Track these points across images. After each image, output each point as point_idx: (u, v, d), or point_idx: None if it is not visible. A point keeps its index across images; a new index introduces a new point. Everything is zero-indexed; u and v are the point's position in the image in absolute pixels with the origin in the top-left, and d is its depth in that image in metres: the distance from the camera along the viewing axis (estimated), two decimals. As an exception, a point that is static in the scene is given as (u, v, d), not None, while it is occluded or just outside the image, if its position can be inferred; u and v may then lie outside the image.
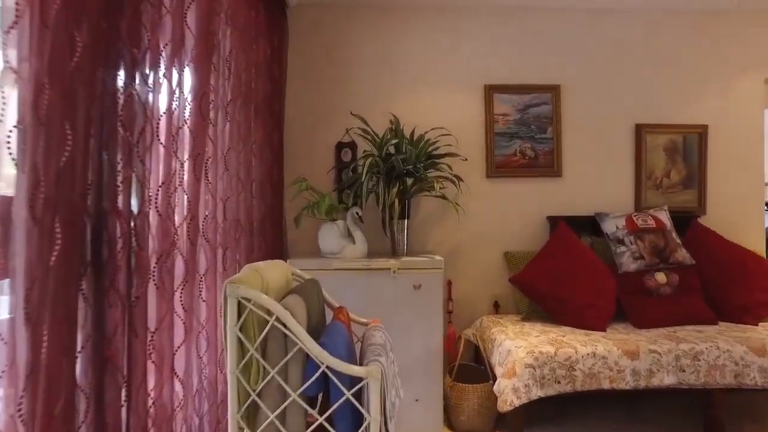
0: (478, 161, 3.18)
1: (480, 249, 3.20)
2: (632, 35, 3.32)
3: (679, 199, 3.33)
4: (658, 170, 3.31)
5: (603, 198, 3.29)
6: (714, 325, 2.76)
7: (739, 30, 3.38)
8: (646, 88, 3.32)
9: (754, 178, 3.43)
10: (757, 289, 2.87)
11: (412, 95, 3.15)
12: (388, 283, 2.47)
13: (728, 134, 3.37)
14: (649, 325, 2.70)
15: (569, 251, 2.87)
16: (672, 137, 3.31)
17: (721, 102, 3.38)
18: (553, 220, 3.19)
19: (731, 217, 3.37)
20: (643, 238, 2.94)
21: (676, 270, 2.90)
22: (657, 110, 3.32)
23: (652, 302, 2.80)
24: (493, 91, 3.15)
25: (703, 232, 3.12)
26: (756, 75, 3.41)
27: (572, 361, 2.23)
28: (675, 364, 2.28)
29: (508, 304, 3.21)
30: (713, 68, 3.38)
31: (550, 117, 3.20)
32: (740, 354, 2.34)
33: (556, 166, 3.22)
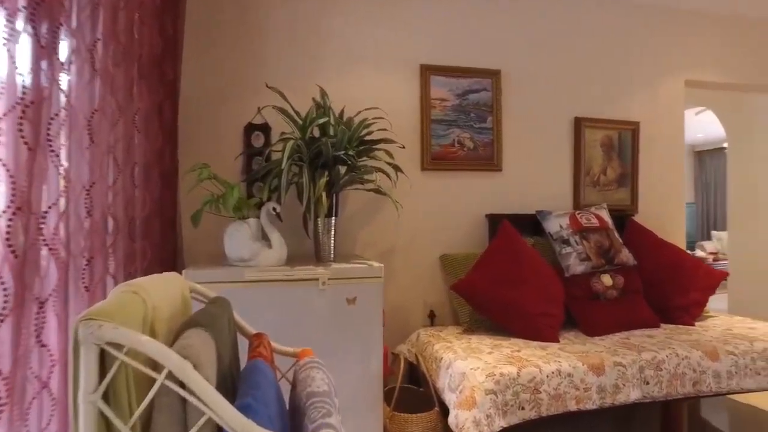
0: (413, 151, 2.79)
1: (413, 251, 2.82)
2: (573, 25, 3.15)
3: (615, 198, 3.21)
4: (596, 167, 3.17)
5: (542, 195, 3.07)
6: (657, 327, 2.62)
7: (664, 32, 3.35)
8: (585, 80, 3.16)
9: (675, 177, 3.42)
10: (693, 289, 2.79)
11: (340, 72, 2.68)
12: (316, 296, 1.98)
13: (655, 133, 3.33)
14: (601, 332, 2.48)
15: (516, 253, 2.58)
16: (608, 133, 3.19)
17: (650, 101, 3.32)
18: (493, 218, 2.90)
19: (657, 215, 3.32)
20: (588, 238, 2.74)
21: (620, 271, 2.73)
22: (595, 104, 3.18)
23: (601, 307, 2.60)
24: (430, 72, 2.79)
25: (640, 231, 3.01)
26: (678, 77, 3.40)
27: (537, 382, 1.90)
28: (639, 377, 2.06)
29: (446, 313, 2.86)
30: (643, 67, 3.31)
31: (490, 105, 2.91)
32: (697, 360, 2.18)
33: (496, 159, 2.93)
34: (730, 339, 2.36)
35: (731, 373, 2.22)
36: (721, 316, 2.93)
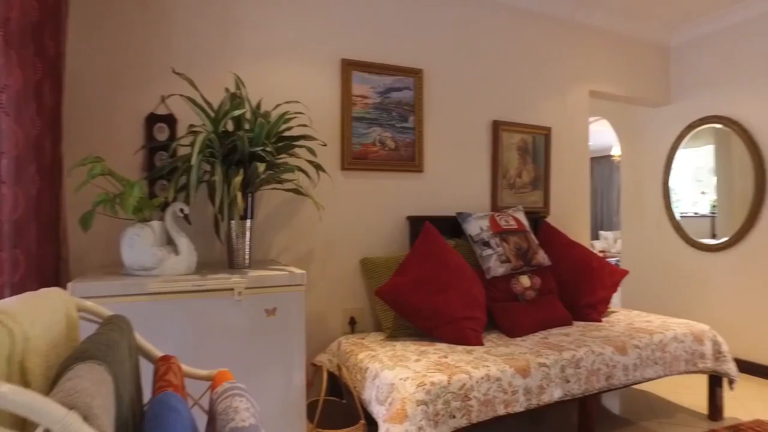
0: (333, 150, 2.66)
1: (333, 256, 2.68)
2: (492, 32, 3.19)
3: (529, 200, 3.31)
4: (512, 169, 3.24)
5: (461, 196, 3.07)
6: (571, 325, 2.72)
7: (572, 44, 3.53)
8: (503, 85, 3.23)
9: (581, 181, 3.61)
10: (600, 287, 2.94)
11: (256, 62, 2.47)
12: (231, 308, 1.77)
13: (563, 138, 3.48)
14: (521, 333, 2.52)
15: (440, 256, 2.54)
16: (524, 137, 3.28)
17: (559, 108, 3.48)
18: (415, 220, 2.85)
19: (565, 216, 3.48)
20: (507, 240, 2.78)
21: (537, 272, 2.81)
22: (511, 109, 3.25)
23: (520, 308, 2.64)
24: (352, 68, 2.67)
25: (552, 232, 3.12)
26: (583, 87, 3.60)
27: (467, 389, 1.85)
28: (561, 376, 2.09)
29: (366, 319, 2.75)
30: (554, 76, 3.46)
31: (412, 104, 2.85)
32: (609, 355, 2.27)
33: (418, 160, 2.88)
34: (634, 333, 2.50)
35: (636, 365, 2.35)
36: (621, 310, 3.12)
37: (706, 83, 3.83)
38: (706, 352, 2.60)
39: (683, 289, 3.98)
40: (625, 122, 4.57)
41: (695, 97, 3.90)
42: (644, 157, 4.36)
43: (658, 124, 4.20)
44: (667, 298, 4.09)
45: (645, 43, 3.93)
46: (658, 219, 4.22)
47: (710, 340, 2.63)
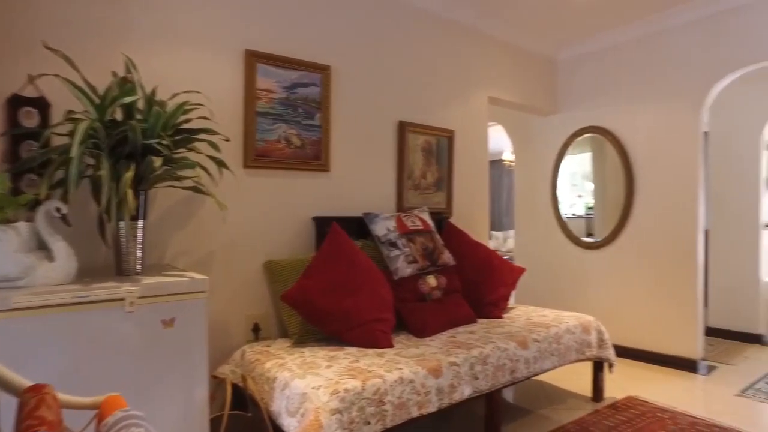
0: (235, 146, 2.48)
1: (235, 259, 2.51)
2: (399, 33, 3.21)
3: (433, 200, 3.37)
4: (417, 170, 3.28)
5: (368, 197, 3.04)
6: (475, 323, 2.81)
7: (473, 51, 3.67)
8: (409, 86, 3.25)
9: (481, 183, 3.77)
10: (501, 285, 3.08)
11: (151, 45, 2.21)
12: (121, 322, 1.56)
13: (465, 141, 3.61)
14: (429, 333, 2.54)
15: (348, 258, 2.48)
16: (428, 138, 3.33)
17: (462, 112, 3.59)
18: (321, 221, 2.76)
19: (467, 217, 3.61)
20: (414, 240, 2.80)
21: (443, 272, 2.86)
22: (417, 110, 3.29)
23: (428, 308, 2.67)
24: (257, 60, 2.51)
25: (456, 232, 3.21)
26: (483, 93, 3.76)
27: (381, 393, 1.81)
28: (470, 373, 2.14)
29: (271, 325, 2.61)
30: (457, 80, 3.57)
31: (318, 101, 2.76)
32: (513, 350, 2.37)
33: (324, 158, 2.80)
34: (533, 328, 2.65)
35: (536, 358, 2.48)
36: (519, 306, 3.30)
37: (586, 96, 4.20)
38: (592, 341, 2.83)
39: (569, 283, 4.33)
40: (519, 129, 4.87)
41: (577, 108, 4.27)
42: (535, 161, 4.67)
43: (547, 131, 4.53)
44: (555, 292, 4.43)
45: (537, 56, 4.22)
46: (546, 220, 4.55)
47: (595, 329, 2.87)
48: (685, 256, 3.60)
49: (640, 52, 3.84)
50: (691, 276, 3.57)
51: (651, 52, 3.78)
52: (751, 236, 4.48)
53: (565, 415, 2.71)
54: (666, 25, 3.67)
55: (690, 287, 3.58)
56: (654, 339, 3.73)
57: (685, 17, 3.56)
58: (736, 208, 4.52)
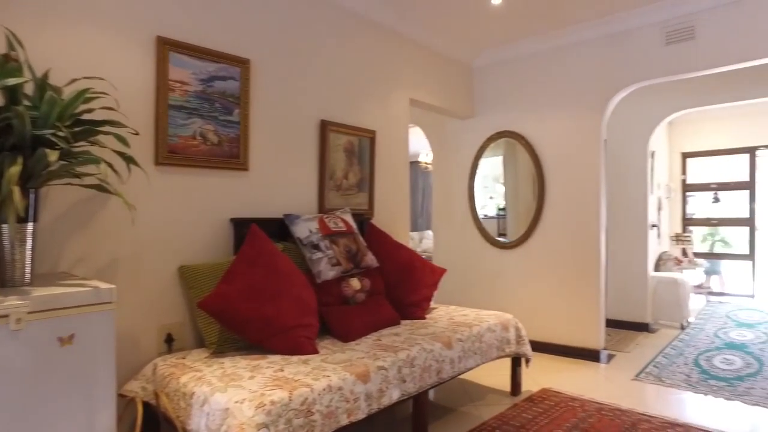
0: (145, 141, 2.27)
1: (145, 265, 2.29)
2: (322, 30, 3.13)
3: (355, 201, 3.33)
4: (339, 171, 3.22)
5: (288, 198, 2.93)
6: (399, 324, 2.81)
7: (395, 52, 3.68)
8: (332, 85, 3.19)
9: (402, 184, 3.80)
10: (423, 286, 3.11)
11: (43, 21, 1.95)
12: (4, 342, 1.34)
13: (387, 142, 3.61)
14: (354, 337, 2.49)
15: (269, 261, 2.36)
16: (350, 138, 3.28)
17: (384, 112, 3.59)
18: (239, 223, 2.61)
19: (388, 218, 3.61)
20: (337, 243, 2.73)
21: (366, 274, 2.82)
22: (339, 109, 3.23)
23: (352, 311, 2.62)
24: (170, 48, 2.31)
25: (378, 234, 3.19)
26: (404, 94, 3.79)
27: (309, 403, 1.73)
28: (398, 376, 2.12)
29: (186, 335, 2.43)
30: (380, 81, 3.56)
31: (237, 96, 2.61)
32: (438, 351, 2.40)
33: (243, 157, 2.65)
34: (456, 327, 2.70)
35: (460, 357, 2.53)
36: (440, 306, 3.35)
37: (501, 101, 4.38)
38: (510, 338, 2.94)
39: (486, 282, 4.49)
40: (437, 131, 4.98)
41: (493, 112, 4.44)
42: (452, 163, 4.80)
43: (465, 134, 4.67)
44: (473, 291, 4.57)
45: (456, 61, 4.33)
46: (464, 221, 4.69)
47: (513, 327, 2.99)
48: (589, 254, 3.88)
49: (550, 63, 4.08)
50: (595, 273, 3.85)
51: (560, 63, 4.02)
52: (640, 235, 4.94)
53: (486, 411, 2.79)
54: (572, 40, 3.92)
55: (594, 283, 3.85)
56: (563, 333, 3.97)
57: (587, 34, 3.84)
58: (627, 209, 4.96)
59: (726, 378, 3.41)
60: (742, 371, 3.57)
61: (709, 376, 3.46)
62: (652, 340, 4.43)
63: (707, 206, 7.21)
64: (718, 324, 5.10)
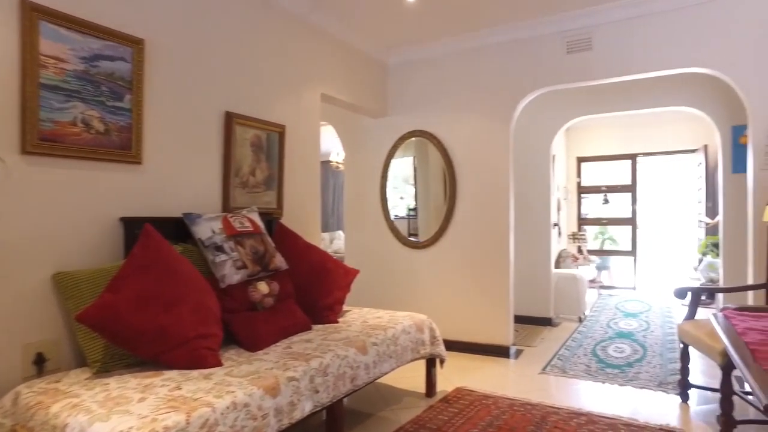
0: (9, 125, 1.92)
1: (6, 271, 1.94)
2: (231, 13, 2.90)
3: (263, 200, 3.12)
4: (246, 167, 2.99)
5: (188, 195, 2.67)
6: (310, 330, 2.66)
7: (306, 45, 3.52)
8: (239, 75, 2.96)
9: (313, 182, 3.64)
10: (336, 288, 2.98)
11: None
12: None
13: (297, 138, 3.44)
14: (263, 345, 2.30)
15: (165, 265, 2.11)
16: (258, 133, 3.07)
17: (294, 107, 3.41)
18: (131, 222, 2.32)
19: (298, 218, 3.44)
20: (243, 244, 2.52)
21: (275, 277, 2.64)
22: (246, 101, 3.00)
23: (260, 317, 2.43)
24: (40, 16, 1.97)
25: (287, 234, 3.01)
26: (316, 89, 3.63)
27: (211, 425, 1.53)
28: (310, 387, 1.98)
29: (63, 353, 2.09)
30: (290, 74, 3.38)
31: (129, 80, 2.31)
32: (353, 357, 2.28)
33: (136, 149, 2.35)
34: (371, 331, 2.60)
35: (375, 362, 2.43)
36: (353, 309, 3.24)
37: (415, 101, 4.38)
38: (425, 339, 2.90)
39: (399, 282, 4.46)
40: (349, 130, 4.87)
41: (406, 112, 4.42)
42: (365, 163, 4.71)
43: (378, 133, 4.60)
44: (386, 292, 4.51)
45: (370, 58, 4.25)
46: (376, 221, 4.62)
47: (428, 328, 2.95)
48: (498, 253, 3.98)
49: (463, 64, 4.13)
50: (504, 271, 3.96)
51: (472, 65, 4.09)
52: (543, 234, 5.19)
53: (402, 415, 2.72)
54: (484, 43, 4.00)
55: (503, 282, 3.96)
56: (474, 330, 4.03)
57: (498, 38, 3.94)
58: (531, 210, 5.19)
59: (618, 365, 3.65)
60: (630, 358, 3.85)
61: (605, 364, 3.68)
62: (555, 334, 4.66)
63: (598, 207, 7.82)
64: (609, 315, 5.51)
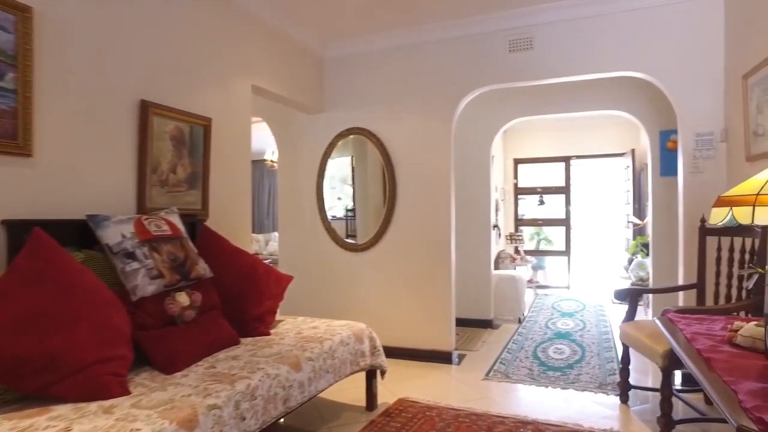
0: None
1: None
2: (136, -18, 2.55)
3: (185, 200, 2.80)
4: (165, 163, 2.66)
5: (95, 194, 2.32)
6: (239, 344, 2.39)
7: (235, 32, 3.23)
8: (158, 59, 2.62)
9: (243, 181, 3.35)
10: (267, 297, 2.72)
11: None
12: None
13: (225, 133, 3.13)
14: (182, 365, 2.01)
15: (59, 276, 1.78)
16: (180, 125, 2.74)
17: (222, 99, 3.11)
18: (18, 226, 1.95)
19: (227, 220, 3.14)
20: (159, 250, 2.21)
21: (197, 287, 2.34)
22: (166, 89, 2.67)
23: (179, 333, 2.13)
24: None
25: (214, 238, 2.72)
26: (246, 80, 3.35)
27: (105, 475, 1.25)
28: (236, 414, 1.72)
29: None
30: (217, 62, 3.09)
31: (13, 56, 1.94)
32: (285, 375, 2.04)
33: (24, 138, 1.99)
34: (305, 344, 2.37)
35: (311, 379, 2.21)
36: (287, 318, 2.98)
37: (353, 97, 4.17)
38: (365, 350, 2.70)
39: (336, 287, 4.23)
40: (284, 126, 4.58)
41: (344, 108, 4.21)
42: (300, 161, 4.45)
43: (314, 130, 4.35)
44: (323, 298, 4.27)
45: (306, 49, 4.00)
46: (312, 222, 4.37)
47: (368, 337, 2.76)
48: (440, 255, 3.85)
49: (404, 60, 3.97)
50: (446, 274, 3.84)
51: (413, 61, 3.94)
52: (483, 235, 5.15)
53: (340, 434, 2.51)
54: (426, 38, 3.87)
55: (445, 285, 3.84)
56: (416, 336, 3.89)
57: (440, 34, 3.82)
58: (471, 211, 5.13)
59: (560, 368, 3.63)
60: (570, 359, 3.85)
61: (546, 367, 3.65)
62: (496, 336, 4.62)
63: (534, 208, 7.98)
64: (547, 315, 5.57)
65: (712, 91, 3.19)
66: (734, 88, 2.98)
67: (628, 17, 3.35)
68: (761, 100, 2.67)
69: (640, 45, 3.33)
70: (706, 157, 3.21)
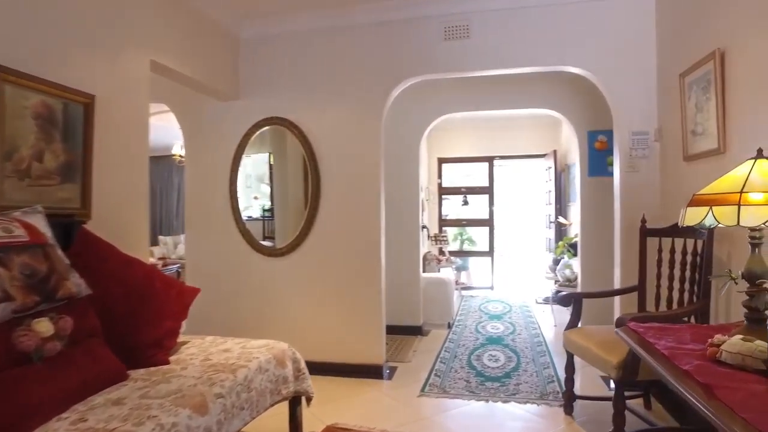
0: None
1: None
2: None
3: (57, 197, 2.21)
4: (26, 148, 2.06)
5: None
6: (126, 380, 1.87)
7: None
8: (14, 11, 2.01)
9: (139, 175, 2.79)
10: (166, 316, 2.21)
11: None
12: None
13: (115, 115, 2.57)
14: (35, 423, 1.47)
15: None
16: (48, 100, 2.15)
17: (109, 73, 2.54)
18: None
19: (116, 222, 2.58)
20: (8, 263, 1.65)
21: (67, 309, 1.80)
22: (25, 51, 2.07)
23: (31, 376, 1.58)
24: None
25: (96, 245, 2.17)
26: (143, 55, 2.79)
27: None
28: (109, 493, 1.25)
29: None
30: (107, 25, 2.51)
31: None
32: (186, 422, 1.58)
33: None
34: (214, 375, 1.91)
35: (221, 421, 1.76)
36: (193, 339, 2.48)
37: (273, 83, 3.71)
38: (288, 375, 2.28)
39: (251, 297, 3.74)
40: (191, 114, 4.00)
41: (262, 95, 3.73)
42: (211, 154, 3.91)
43: (226, 119, 3.82)
44: (237, 310, 3.76)
45: (217, 26, 3.48)
46: (224, 224, 3.84)
47: (291, 359, 2.34)
48: (369, 260, 3.51)
49: (330, 44, 3.58)
50: (376, 279, 3.50)
51: (341, 45, 3.57)
52: (412, 237, 4.88)
53: (258, 482, 2.08)
54: (354, 21, 3.51)
55: (374, 292, 3.50)
56: (342, 349, 3.51)
57: (370, 17, 3.47)
58: (399, 212, 4.84)
59: (497, 377, 3.43)
60: (507, 366, 3.67)
61: (484, 377, 3.43)
62: (427, 344, 4.36)
63: (458, 208, 7.89)
64: (475, 318, 5.42)
65: (646, 90, 3.13)
66: (670, 87, 2.92)
67: (566, 11, 3.22)
68: (701, 98, 2.59)
69: (577, 40, 3.21)
70: (642, 157, 3.15)
